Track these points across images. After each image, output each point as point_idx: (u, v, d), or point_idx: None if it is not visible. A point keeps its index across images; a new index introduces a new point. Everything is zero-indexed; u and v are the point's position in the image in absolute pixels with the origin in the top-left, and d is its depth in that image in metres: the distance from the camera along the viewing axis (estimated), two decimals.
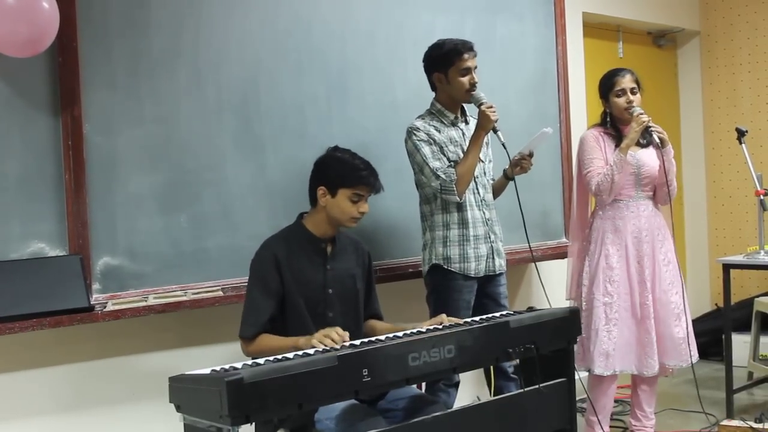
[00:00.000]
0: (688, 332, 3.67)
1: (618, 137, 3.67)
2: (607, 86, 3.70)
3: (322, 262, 2.86)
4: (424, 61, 3.40)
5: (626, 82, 3.65)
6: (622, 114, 3.66)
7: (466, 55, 3.28)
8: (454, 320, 2.75)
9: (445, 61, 3.31)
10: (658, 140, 3.57)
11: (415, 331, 2.62)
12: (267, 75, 3.47)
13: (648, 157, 3.67)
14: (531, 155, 3.50)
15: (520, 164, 3.47)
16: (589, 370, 3.69)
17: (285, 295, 2.78)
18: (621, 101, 3.65)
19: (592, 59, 5.37)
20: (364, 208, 2.86)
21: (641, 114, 3.57)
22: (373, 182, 2.87)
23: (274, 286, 2.77)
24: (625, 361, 3.63)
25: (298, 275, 2.80)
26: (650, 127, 3.57)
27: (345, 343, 2.46)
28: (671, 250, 3.73)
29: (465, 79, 3.30)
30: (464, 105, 3.44)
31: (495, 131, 3.26)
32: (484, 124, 3.25)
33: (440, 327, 2.64)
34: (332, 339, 2.50)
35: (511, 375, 3.38)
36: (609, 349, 3.60)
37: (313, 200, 2.89)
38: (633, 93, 3.65)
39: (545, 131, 3.47)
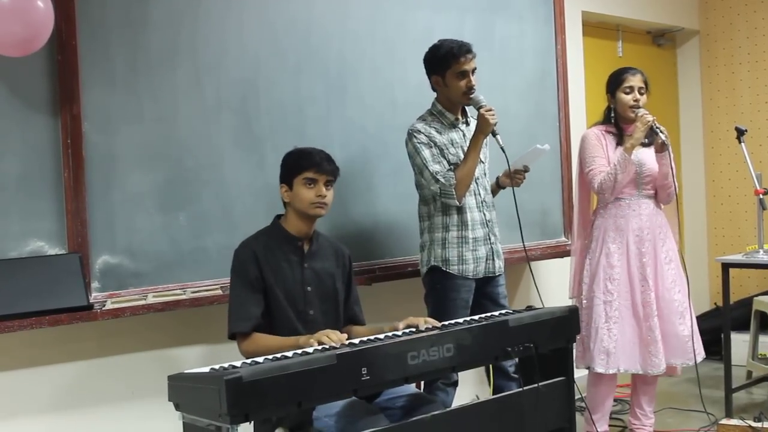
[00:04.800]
0: (693, 330, 3.67)
1: (620, 136, 3.67)
2: (615, 82, 3.70)
3: (299, 261, 2.86)
4: (423, 62, 3.40)
5: (636, 80, 3.66)
6: (626, 111, 3.65)
7: (462, 59, 3.26)
8: (432, 322, 2.72)
9: (442, 63, 3.30)
10: (664, 138, 3.55)
11: (412, 330, 2.62)
12: (266, 74, 3.47)
13: (649, 157, 3.66)
14: (527, 170, 3.50)
15: (512, 177, 3.47)
16: (589, 368, 3.69)
17: (267, 291, 2.79)
18: (628, 98, 3.64)
19: (591, 58, 5.37)
20: (322, 191, 2.83)
21: (646, 114, 3.57)
22: (319, 162, 2.83)
23: (257, 281, 2.78)
24: (629, 360, 3.62)
25: (277, 271, 2.81)
26: (656, 126, 3.56)
27: (344, 342, 2.47)
28: (673, 249, 3.73)
29: (462, 83, 3.28)
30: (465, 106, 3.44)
31: (494, 134, 3.25)
32: (483, 128, 3.24)
33: (415, 330, 2.61)
34: (331, 339, 2.50)
35: (512, 375, 3.37)
36: (609, 347, 3.60)
37: (283, 202, 2.91)
38: (641, 93, 3.65)
39: (540, 148, 3.46)
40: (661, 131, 3.56)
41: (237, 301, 2.79)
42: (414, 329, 2.62)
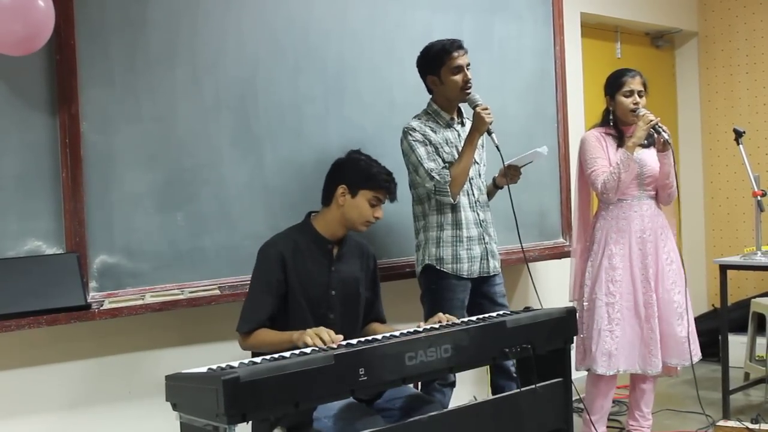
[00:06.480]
0: (689, 331, 3.67)
1: (620, 138, 3.67)
2: (615, 85, 3.69)
3: (328, 264, 2.86)
4: (417, 66, 3.40)
5: (635, 83, 3.65)
6: (626, 114, 3.65)
7: (455, 54, 3.28)
8: (452, 318, 2.75)
9: (436, 62, 3.31)
10: (667, 137, 3.54)
11: (412, 330, 2.62)
12: (264, 74, 3.47)
13: (650, 157, 3.66)
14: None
15: (508, 175, 3.47)
16: (589, 370, 3.68)
17: (288, 293, 2.78)
18: (628, 101, 3.64)
19: (590, 60, 5.37)
20: (380, 213, 2.89)
21: (648, 113, 3.57)
22: (393, 189, 2.91)
23: (278, 285, 2.77)
24: (629, 360, 3.62)
25: (303, 275, 2.80)
26: (658, 126, 3.55)
27: (342, 343, 2.46)
28: (674, 250, 3.73)
29: (458, 78, 3.29)
30: (461, 106, 3.44)
31: (489, 133, 3.26)
32: (479, 126, 3.24)
33: (437, 327, 2.64)
34: (322, 338, 2.49)
35: (514, 374, 3.36)
36: (612, 349, 3.60)
37: (327, 199, 2.89)
38: (640, 95, 3.65)
39: (539, 151, 3.46)
40: (663, 130, 3.55)
41: (250, 301, 2.80)
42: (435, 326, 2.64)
